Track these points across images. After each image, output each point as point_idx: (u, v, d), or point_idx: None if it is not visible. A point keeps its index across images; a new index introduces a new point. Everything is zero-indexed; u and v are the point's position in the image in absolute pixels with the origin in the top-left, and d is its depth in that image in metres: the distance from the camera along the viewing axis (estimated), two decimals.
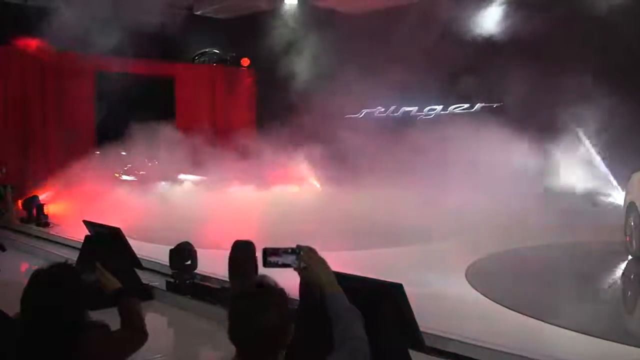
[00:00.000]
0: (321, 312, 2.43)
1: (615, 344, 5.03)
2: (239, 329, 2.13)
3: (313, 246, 2.47)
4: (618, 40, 10.86)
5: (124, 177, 14.84)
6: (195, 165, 14.52)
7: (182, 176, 15.33)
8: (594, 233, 9.91)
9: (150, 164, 14.96)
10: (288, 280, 2.48)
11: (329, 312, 2.36)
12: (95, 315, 2.87)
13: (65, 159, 13.85)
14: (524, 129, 10.44)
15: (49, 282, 2.63)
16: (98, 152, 14.17)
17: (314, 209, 11.90)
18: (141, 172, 14.89)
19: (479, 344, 4.97)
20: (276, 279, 2.26)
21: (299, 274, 2.47)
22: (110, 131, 14.58)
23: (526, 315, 5.83)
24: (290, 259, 2.42)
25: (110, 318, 3.01)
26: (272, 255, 2.44)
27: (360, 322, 2.34)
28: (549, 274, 7.90)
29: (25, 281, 2.70)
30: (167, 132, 14.29)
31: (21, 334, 2.60)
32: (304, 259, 2.40)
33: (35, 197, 12.90)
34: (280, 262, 2.43)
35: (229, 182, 14.19)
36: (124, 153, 14.31)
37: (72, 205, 11.88)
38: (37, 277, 2.65)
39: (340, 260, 6.38)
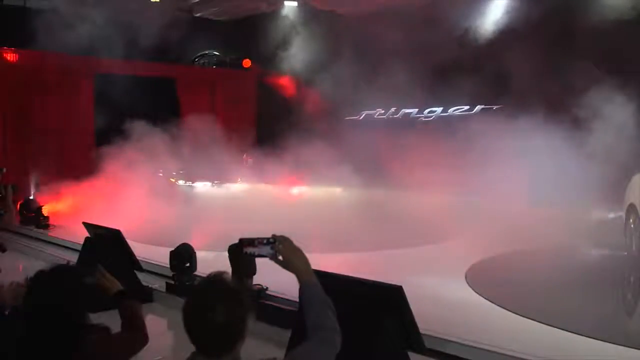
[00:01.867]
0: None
1: (615, 345, 5.02)
2: (192, 325, 2.15)
3: (319, 247, 2.48)
4: (617, 43, 10.88)
5: (180, 183, 14.01)
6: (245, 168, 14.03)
7: (240, 180, 14.61)
8: (594, 235, 9.90)
9: (207, 168, 14.06)
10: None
11: (303, 301, 2.36)
12: (96, 318, 2.87)
13: (65, 160, 13.85)
14: (526, 129, 10.46)
15: (51, 282, 2.64)
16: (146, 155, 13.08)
17: (316, 210, 11.85)
18: (200, 178, 13.98)
19: (479, 346, 4.98)
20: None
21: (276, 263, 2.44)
22: (110, 133, 14.39)
23: (526, 317, 5.83)
24: (266, 249, 2.40)
25: (111, 320, 3.02)
26: (249, 246, 2.42)
27: (333, 313, 2.33)
28: (549, 276, 7.89)
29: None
30: (215, 134, 13.61)
31: (22, 334, 2.61)
32: (279, 248, 2.39)
33: (33, 199, 12.89)
34: (256, 253, 2.42)
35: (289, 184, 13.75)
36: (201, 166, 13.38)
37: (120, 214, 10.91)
38: (39, 277, 2.66)
39: (341, 262, 6.42)
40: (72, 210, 12.30)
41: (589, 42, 11.14)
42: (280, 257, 2.39)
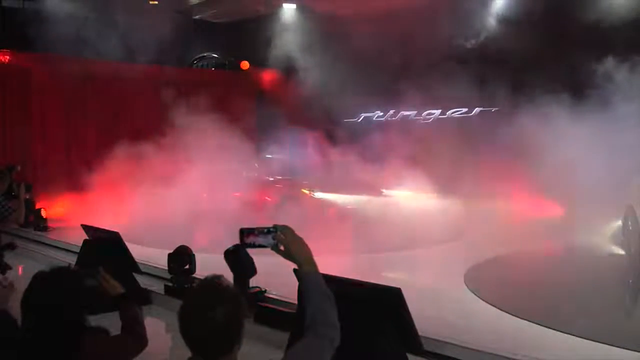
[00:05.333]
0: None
1: (613, 347, 5.02)
2: (188, 328, 2.14)
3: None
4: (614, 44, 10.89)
5: (317, 195, 12.54)
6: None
7: (386, 190, 13.08)
8: (592, 236, 9.91)
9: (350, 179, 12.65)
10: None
11: (303, 292, 2.32)
12: (96, 321, 2.87)
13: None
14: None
15: (50, 283, 2.64)
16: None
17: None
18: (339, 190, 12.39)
19: (477, 348, 4.98)
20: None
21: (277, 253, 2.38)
22: None
23: (524, 319, 5.83)
24: (266, 238, 2.34)
25: (111, 323, 3.02)
26: (249, 236, 2.36)
27: (334, 307, 2.28)
28: (547, 278, 7.90)
29: (24, 285, 2.71)
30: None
31: (22, 335, 2.61)
32: (280, 238, 2.33)
33: (31, 201, 12.84)
34: (257, 243, 2.35)
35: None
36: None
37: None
38: (38, 278, 2.66)
39: (339, 264, 6.42)
40: None
41: (590, 40, 11.14)
42: (282, 247, 2.34)
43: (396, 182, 12.46)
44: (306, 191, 12.27)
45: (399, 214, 11.09)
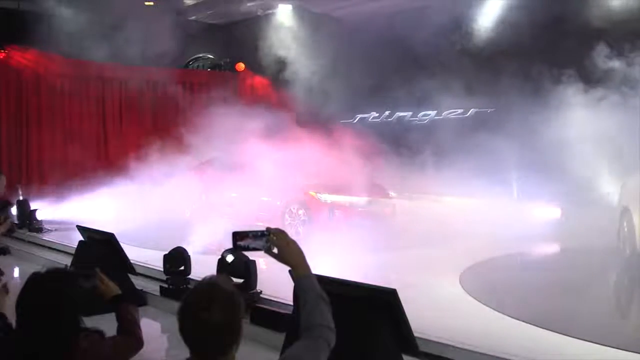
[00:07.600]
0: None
1: (610, 348, 5.04)
2: (187, 328, 2.14)
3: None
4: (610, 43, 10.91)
5: (323, 197, 11.77)
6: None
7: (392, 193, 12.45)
8: (588, 238, 9.93)
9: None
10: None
11: (298, 294, 2.34)
12: (92, 322, 2.87)
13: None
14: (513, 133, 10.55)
15: (45, 284, 2.63)
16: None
17: None
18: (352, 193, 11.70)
19: (473, 349, 4.98)
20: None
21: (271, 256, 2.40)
22: None
23: (521, 320, 5.84)
24: (259, 242, 2.37)
25: (108, 324, 3.02)
26: (243, 239, 2.38)
27: (328, 308, 2.30)
28: (543, 279, 7.91)
29: (19, 286, 2.71)
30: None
31: (16, 337, 2.60)
32: (273, 241, 2.36)
33: (26, 201, 12.81)
34: (250, 246, 2.38)
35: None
36: None
37: None
38: (33, 279, 2.65)
39: (337, 265, 6.43)
40: None
41: (588, 40, 11.14)
42: (275, 250, 2.36)
43: (405, 184, 12.46)
44: (313, 193, 11.99)
45: (402, 216, 11.13)
